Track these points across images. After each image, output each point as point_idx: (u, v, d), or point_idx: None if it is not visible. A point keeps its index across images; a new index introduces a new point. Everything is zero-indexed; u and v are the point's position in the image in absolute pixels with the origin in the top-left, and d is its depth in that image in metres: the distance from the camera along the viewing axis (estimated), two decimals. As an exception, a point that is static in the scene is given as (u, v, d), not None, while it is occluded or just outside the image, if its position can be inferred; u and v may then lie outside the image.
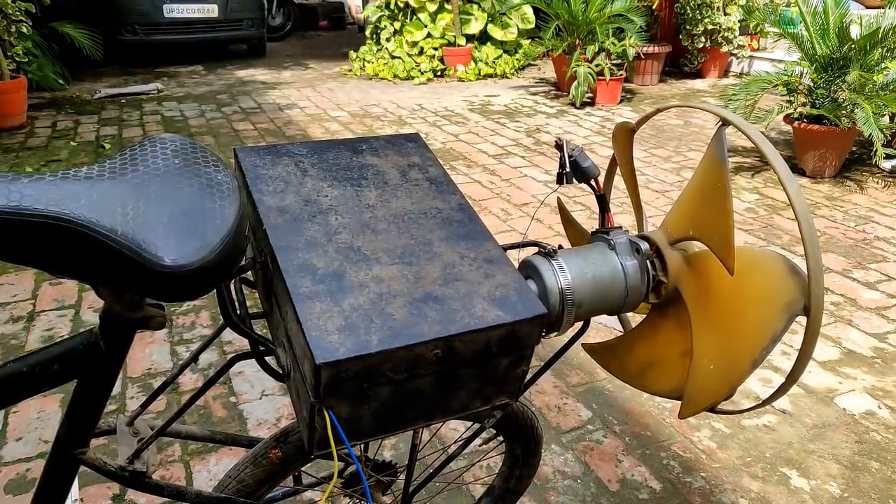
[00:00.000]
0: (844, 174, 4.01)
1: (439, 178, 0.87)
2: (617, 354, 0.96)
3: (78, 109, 5.59)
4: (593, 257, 0.83)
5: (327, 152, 0.87)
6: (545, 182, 3.90)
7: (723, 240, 0.77)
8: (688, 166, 4.18)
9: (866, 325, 2.41)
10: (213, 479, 1.67)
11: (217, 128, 5.09)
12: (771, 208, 3.53)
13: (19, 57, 5.24)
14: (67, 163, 4.24)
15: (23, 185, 0.59)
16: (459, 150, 4.53)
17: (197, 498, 0.93)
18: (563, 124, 5.21)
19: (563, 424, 1.90)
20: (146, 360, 2.17)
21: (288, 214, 0.76)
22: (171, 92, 6.33)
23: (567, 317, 0.80)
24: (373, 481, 1.17)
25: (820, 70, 3.85)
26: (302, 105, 5.85)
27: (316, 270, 0.69)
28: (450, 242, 0.77)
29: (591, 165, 0.93)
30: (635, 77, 6.61)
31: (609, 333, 2.25)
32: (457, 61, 7.07)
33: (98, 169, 0.67)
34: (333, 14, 11.72)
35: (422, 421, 0.74)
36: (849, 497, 1.65)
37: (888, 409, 1.97)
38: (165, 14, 7.33)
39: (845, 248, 3.05)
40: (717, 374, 0.79)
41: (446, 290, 0.70)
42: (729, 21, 6.38)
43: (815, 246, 0.71)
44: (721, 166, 0.79)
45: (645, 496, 1.65)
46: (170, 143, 0.73)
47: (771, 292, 0.78)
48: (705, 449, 1.81)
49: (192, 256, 0.64)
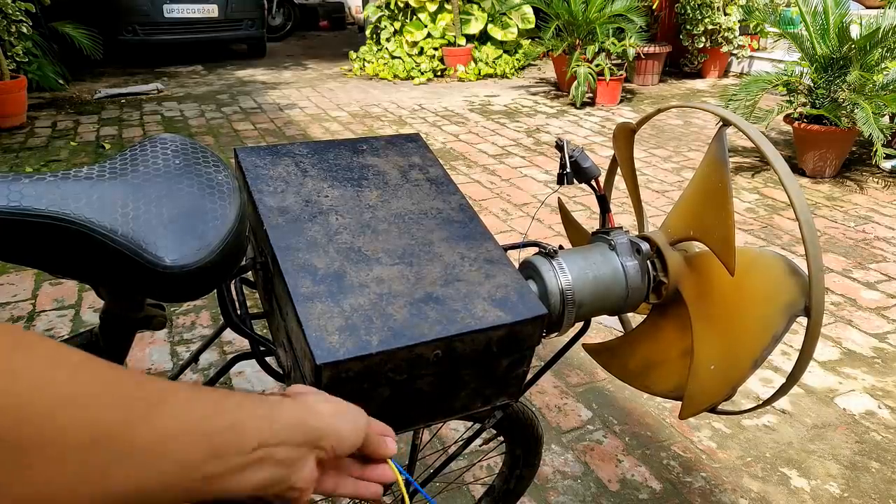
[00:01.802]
0: (844, 174, 4.01)
1: (440, 179, 0.87)
2: (617, 355, 0.96)
3: (78, 109, 5.58)
4: (594, 258, 0.83)
5: (328, 152, 0.87)
6: (545, 182, 3.90)
7: (723, 240, 0.76)
8: (688, 166, 4.18)
9: (866, 325, 2.41)
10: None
11: (217, 128, 5.09)
12: (771, 208, 3.53)
13: (19, 57, 5.24)
14: (67, 163, 4.24)
15: (23, 185, 0.59)
16: (459, 150, 4.53)
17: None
18: (563, 124, 5.21)
19: (563, 424, 1.90)
20: (146, 360, 2.17)
21: (288, 215, 0.75)
22: (171, 92, 6.33)
23: (567, 317, 0.80)
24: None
25: (820, 70, 3.85)
26: (302, 105, 5.85)
27: (316, 271, 0.69)
28: (450, 243, 0.77)
29: (591, 166, 0.93)
30: (635, 77, 6.61)
31: (609, 334, 2.25)
32: (457, 61, 7.07)
33: (98, 169, 0.67)
34: (333, 14, 11.72)
35: (422, 421, 0.74)
36: (849, 497, 1.65)
37: (888, 409, 1.97)
38: (165, 14, 7.33)
39: (845, 248, 3.05)
40: (718, 374, 0.79)
41: (447, 291, 0.70)
42: (729, 21, 6.38)
43: (816, 246, 0.71)
44: (722, 166, 0.79)
45: (645, 496, 1.65)
46: (170, 143, 0.73)
47: (771, 292, 0.78)
48: (705, 449, 1.81)
49: (192, 257, 0.64)
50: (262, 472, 0.44)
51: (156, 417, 0.39)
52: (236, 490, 0.43)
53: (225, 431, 0.42)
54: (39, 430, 0.33)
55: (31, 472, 0.33)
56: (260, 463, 0.44)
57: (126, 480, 0.37)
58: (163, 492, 0.39)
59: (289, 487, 0.47)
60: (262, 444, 0.44)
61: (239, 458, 0.43)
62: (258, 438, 0.44)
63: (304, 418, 0.48)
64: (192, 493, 0.41)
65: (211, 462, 0.41)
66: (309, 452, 0.48)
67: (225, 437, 0.42)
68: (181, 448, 0.40)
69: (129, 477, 0.37)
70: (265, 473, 0.45)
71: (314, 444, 0.48)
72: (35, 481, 0.33)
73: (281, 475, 0.46)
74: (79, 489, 0.35)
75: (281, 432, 0.46)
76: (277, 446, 0.45)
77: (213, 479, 0.42)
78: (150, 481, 0.38)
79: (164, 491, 0.39)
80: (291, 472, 0.46)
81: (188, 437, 0.40)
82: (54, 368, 0.35)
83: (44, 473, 0.33)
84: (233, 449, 0.43)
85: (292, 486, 0.47)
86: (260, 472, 0.44)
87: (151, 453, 0.38)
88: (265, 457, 0.44)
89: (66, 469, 0.34)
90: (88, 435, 0.35)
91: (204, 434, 0.41)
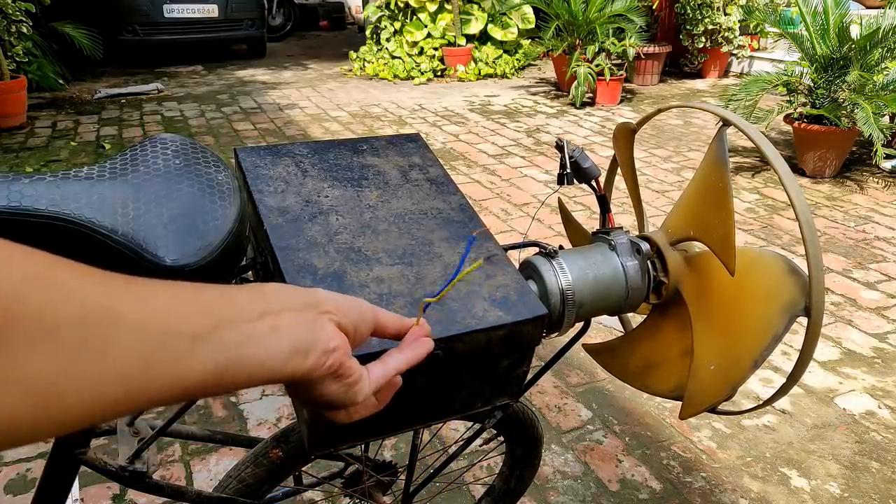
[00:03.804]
0: (844, 174, 4.01)
1: (440, 179, 0.86)
2: (617, 355, 0.96)
3: (78, 109, 5.58)
4: (594, 258, 0.83)
5: (328, 152, 0.87)
6: (545, 182, 3.90)
7: (723, 240, 0.76)
8: (688, 166, 4.18)
9: (866, 325, 2.41)
10: (213, 479, 1.67)
11: (217, 128, 5.09)
12: (771, 208, 3.53)
13: (19, 57, 5.24)
14: (67, 163, 4.24)
15: (23, 185, 0.59)
16: (459, 150, 4.53)
17: (197, 498, 0.93)
18: (563, 124, 5.21)
19: (563, 424, 1.90)
20: (146, 360, 2.17)
21: (288, 215, 0.75)
22: (171, 92, 6.33)
23: (568, 317, 0.80)
24: (373, 481, 1.17)
25: (820, 70, 3.85)
26: (302, 105, 5.85)
27: (316, 271, 0.69)
28: (450, 243, 0.77)
29: (591, 166, 0.93)
30: (635, 77, 6.61)
31: (609, 334, 2.25)
32: (457, 61, 7.07)
33: (98, 169, 0.67)
34: (333, 14, 11.72)
35: (422, 421, 0.74)
36: (849, 497, 1.65)
37: (888, 409, 1.97)
38: (165, 14, 7.34)
39: (845, 248, 3.05)
40: (718, 374, 0.79)
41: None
42: (729, 21, 6.38)
43: (816, 246, 0.71)
44: (722, 167, 0.79)
45: (645, 496, 1.65)
46: (170, 143, 0.73)
47: (771, 292, 0.78)
48: (705, 449, 1.81)
49: (192, 256, 0.64)
50: (282, 337, 0.41)
51: (143, 292, 0.36)
52: (271, 363, 0.40)
53: (218, 303, 0.39)
54: (12, 309, 0.29)
55: (16, 354, 0.29)
56: (275, 329, 0.41)
57: (128, 360, 0.33)
58: (180, 372, 0.35)
59: (323, 351, 0.43)
60: (266, 311, 0.41)
61: (249, 326, 0.40)
62: (259, 306, 0.41)
63: (293, 288, 0.45)
64: (223, 371, 0.37)
65: (220, 332, 0.38)
66: (318, 315, 0.45)
67: (221, 306, 0.39)
68: (181, 320, 0.36)
69: (130, 355, 0.33)
70: (287, 338, 0.41)
71: (315, 308, 0.45)
72: (25, 365, 0.30)
73: (305, 337, 0.43)
74: (81, 372, 0.31)
75: (276, 300, 0.43)
76: (280, 312, 0.42)
77: (233, 349, 0.38)
78: (158, 359, 0.34)
79: (180, 371, 0.36)
80: (315, 333, 0.43)
81: (184, 307, 0.37)
82: (22, 253, 0.32)
83: (33, 356, 0.30)
84: (236, 316, 0.39)
85: (326, 349, 0.44)
86: (280, 337, 0.41)
87: (148, 326, 0.34)
88: (276, 323, 0.41)
89: (59, 351, 0.31)
90: (73, 310, 0.32)
91: (199, 303, 0.38)
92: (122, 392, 0.33)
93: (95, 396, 0.32)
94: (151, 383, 0.35)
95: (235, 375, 0.39)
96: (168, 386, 0.35)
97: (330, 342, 0.44)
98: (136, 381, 0.34)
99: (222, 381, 0.38)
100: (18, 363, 0.29)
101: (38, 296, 0.31)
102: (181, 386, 0.36)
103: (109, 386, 0.33)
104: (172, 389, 0.36)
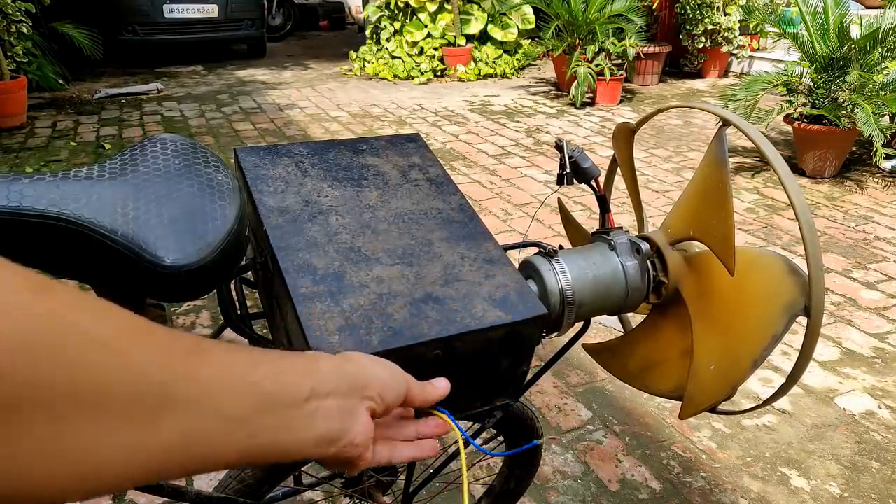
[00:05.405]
0: (844, 174, 4.01)
1: (440, 179, 0.86)
2: (617, 355, 0.96)
3: (78, 109, 5.58)
4: (594, 257, 0.83)
5: (328, 152, 0.87)
6: (545, 182, 3.90)
7: (723, 240, 0.76)
8: (688, 166, 4.18)
9: (866, 325, 2.41)
10: (213, 479, 1.67)
11: (217, 128, 5.09)
12: (771, 208, 3.53)
13: (19, 57, 5.24)
14: (67, 163, 4.24)
15: (23, 185, 0.59)
16: (459, 150, 4.53)
17: (197, 498, 0.93)
18: (563, 124, 5.21)
19: (563, 424, 1.90)
20: (146, 360, 2.17)
21: (288, 215, 0.75)
22: (171, 92, 6.33)
23: (567, 317, 0.80)
24: (373, 481, 1.17)
25: (820, 70, 3.85)
26: (302, 105, 5.85)
27: (316, 271, 0.69)
28: (450, 243, 0.77)
29: (591, 166, 0.93)
30: (635, 77, 6.61)
31: (609, 334, 2.25)
32: (457, 61, 7.07)
33: (98, 169, 0.67)
34: (333, 14, 11.72)
35: (422, 421, 0.74)
36: (849, 497, 1.65)
37: (888, 409, 1.97)
38: (165, 14, 7.34)
39: (845, 248, 3.05)
40: (718, 374, 0.79)
41: (447, 291, 0.70)
42: (729, 21, 6.38)
43: (816, 246, 0.71)
44: (722, 167, 0.79)
45: (645, 496, 1.65)
46: (170, 143, 0.73)
47: (771, 292, 0.78)
48: (705, 449, 1.81)
49: (192, 257, 0.64)
50: (316, 427, 0.42)
51: (197, 366, 0.36)
52: (295, 449, 0.41)
53: (269, 382, 0.40)
54: (72, 378, 0.29)
55: (66, 425, 0.29)
56: (312, 416, 0.42)
57: (171, 436, 0.33)
58: (213, 450, 0.36)
59: (348, 443, 0.44)
60: (312, 394, 0.42)
61: (289, 412, 0.40)
62: (307, 388, 0.42)
63: (344, 367, 0.46)
64: (249, 453, 0.38)
65: (260, 416, 0.38)
66: (359, 403, 0.46)
67: (270, 387, 0.40)
68: (227, 400, 0.37)
69: (174, 432, 0.33)
70: (320, 429, 0.42)
71: (361, 392, 0.46)
72: (72, 436, 0.29)
73: (337, 429, 0.43)
74: (124, 445, 0.31)
75: (326, 382, 0.43)
76: (326, 397, 0.43)
77: (265, 435, 0.39)
78: (198, 437, 0.35)
79: (214, 449, 0.36)
80: (347, 425, 0.44)
81: (233, 387, 0.37)
82: (81, 311, 0.31)
83: (81, 427, 0.29)
84: (281, 400, 0.40)
85: (351, 442, 0.45)
86: (314, 427, 0.42)
87: (196, 404, 0.35)
88: (316, 409, 0.42)
89: (108, 424, 0.31)
90: (127, 383, 0.31)
91: (249, 384, 0.38)
92: (157, 465, 0.34)
93: (133, 469, 0.33)
94: (188, 460, 0.35)
95: (261, 456, 0.40)
96: (199, 462, 0.36)
97: (357, 437, 0.45)
98: (175, 457, 0.34)
99: (248, 461, 0.39)
100: (68, 434, 0.29)
101: (98, 362, 0.31)
102: (212, 463, 0.37)
103: (147, 458, 0.33)
104: (204, 465, 0.37)
